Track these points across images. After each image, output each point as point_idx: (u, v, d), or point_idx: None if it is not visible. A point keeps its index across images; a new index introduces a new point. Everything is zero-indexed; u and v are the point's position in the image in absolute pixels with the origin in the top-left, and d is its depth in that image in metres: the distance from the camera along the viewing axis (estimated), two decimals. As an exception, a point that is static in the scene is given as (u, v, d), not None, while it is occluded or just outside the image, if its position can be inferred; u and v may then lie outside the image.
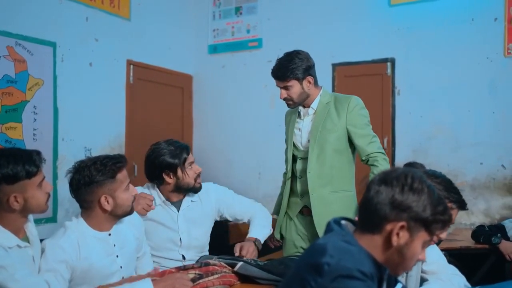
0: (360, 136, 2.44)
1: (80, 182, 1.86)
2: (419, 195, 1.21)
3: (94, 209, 1.90)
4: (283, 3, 4.64)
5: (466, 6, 3.85)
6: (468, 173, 3.85)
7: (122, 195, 1.91)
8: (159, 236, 2.34)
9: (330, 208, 2.42)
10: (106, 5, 4.09)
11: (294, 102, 2.49)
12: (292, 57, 2.47)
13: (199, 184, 2.40)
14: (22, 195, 1.67)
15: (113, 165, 1.89)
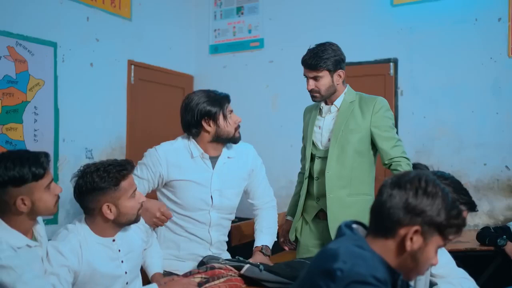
0: (384, 138, 2.35)
1: (83, 188, 1.82)
2: (433, 199, 1.19)
3: (97, 216, 1.86)
4: (285, 3, 4.61)
5: (470, 6, 3.83)
6: (471, 174, 3.82)
7: (126, 204, 1.85)
8: (190, 194, 2.23)
9: (346, 212, 2.32)
10: (107, 5, 4.06)
11: (321, 94, 2.40)
12: (326, 47, 2.39)
13: (238, 134, 2.30)
14: (30, 197, 1.64)
15: (117, 173, 1.83)
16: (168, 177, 2.22)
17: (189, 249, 2.26)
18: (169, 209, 2.22)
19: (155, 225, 2.15)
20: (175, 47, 4.78)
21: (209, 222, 2.26)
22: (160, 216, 2.11)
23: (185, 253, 2.26)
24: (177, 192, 2.23)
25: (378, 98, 2.42)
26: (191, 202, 2.24)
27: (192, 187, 2.23)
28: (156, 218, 2.11)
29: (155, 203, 2.15)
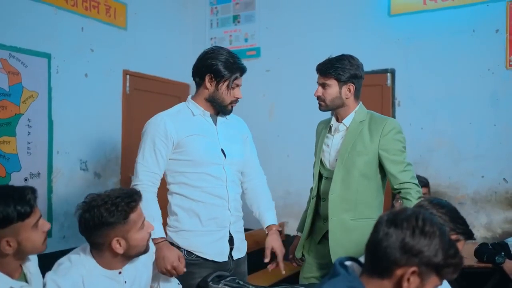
0: (393, 162, 2.25)
1: (90, 223, 1.71)
2: (431, 239, 1.16)
3: (105, 251, 1.77)
4: (282, 12, 4.58)
5: (467, 17, 3.80)
6: (469, 186, 3.80)
7: (136, 236, 1.77)
8: (202, 147, 2.20)
9: (349, 236, 2.26)
10: (102, 14, 4.02)
11: (326, 104, 2.34)
12: (343, 58, 2.31)
13: (231, 108, 2.28)
14: (15, 238, 1.55)
15: (125, 205, 1.73)
16: (178, 137, 2.20)
17: (210, 214, 2.23)
18: (187, 172, 2.20)
19: (163, 274, 2.12)
20: (171, 55, 4.75)
21: (225, 177, 2.25)
22: (171, 269, 2.09)
23: (207, 220, 2.23)
24: (189, 149, 2.20)
25: (388, 119, 2.32)
26: (204, 156, 2.21)
27: (202, 141, 2.22)
28: (170, 268, 2.09)
29: (174, 253, 2.11)
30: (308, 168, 4.31)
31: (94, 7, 3.96)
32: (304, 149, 4.42)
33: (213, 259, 2.24)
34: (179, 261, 2.11)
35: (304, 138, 4.42)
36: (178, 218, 2.25)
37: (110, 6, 4.09)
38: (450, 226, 1.64)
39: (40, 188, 3.27)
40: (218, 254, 2.26)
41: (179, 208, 2.26)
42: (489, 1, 3.73)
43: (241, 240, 2.37)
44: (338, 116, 2.39)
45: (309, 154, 4.31)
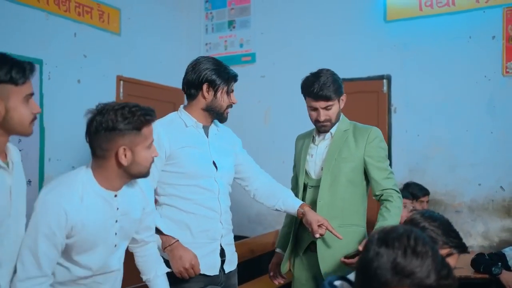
0: (377, 168, 2.31)
1: (101, 125, 1.63)
2: (423, 259, 1.11)
3: (108, 160, 1.68)
4: (277, 18, 4.55)
5: (463, 24, 3.77)
6: (466, 194, 3.76)
7: (142, 152, 1.70)
8: (194, 159, 2.19)
9: (337, 243, 2.27)
10: (95, 20, 3.98)
11: (332, 123, 2.38)
12: (328, 75, 2.33)
13: (226, 115, 2.30)
14: (4, 102, 1.47)
15: (142, 116, 1.67)
16: (171, 148, 2.17)
17: (201, 226, 2.20)
18: (178, 184, 2.18)
19: (180, 274, 2.12)
20: (165, 61, 4.70)
21: (217, 189, 2.24)
22: (189, 267, 2.10)
23: (198, 232, 2.20)
24: (181, 161, 2.17)
25: (373, 128, 2.39)
26: (196, 168, 2.20)
27: (195, 153, 2.21)
28: (184, 268, 2.10)
29: (190, 253, 2.12)
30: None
31: (87, 13, 3.91)
32: (290, 154, 4.38)
33: (204, 273, 2.20)
34: (195, 260, 2.12)
35: (300, 145, 4.39)
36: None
37: (103, 12, 4.05)
38: (443, 239, 1.60)
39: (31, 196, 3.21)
40: (209, 268, 2.22)
41: (169, 220, 2.21)
42: (485, 7, 3.70)
43: (232, 253, 2.35)
44: None
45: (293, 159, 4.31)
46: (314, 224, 2.23)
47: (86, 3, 3.90)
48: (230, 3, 4.76)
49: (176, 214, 2.21)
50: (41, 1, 3.53)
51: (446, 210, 3.77)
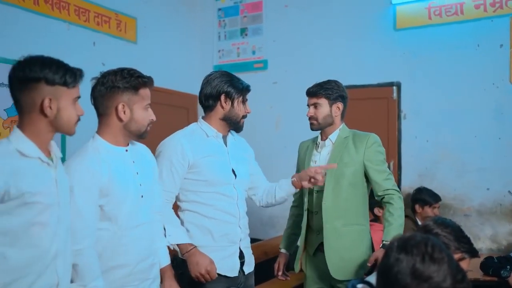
0: (377, 171, 2.48)
1: (103, 85, 1.90)
2: (440, 265, 1.22)
3: (110, 116, 1.92)
4: (289, 25, 4.66)
5: (472, 32, 3.87)
6: (474, 199, 3.85)
7: (140, 111, 1.93)
8: (216, 168, 2.33)
9: (342, 241, 2.45)
10: (113, 29, 4.11)
11: (318, 122, 2.54)
12: (330, 81, 2.57)
13: (242, 124, 2.44)
14: (57, 102, 1.62)
15: (139, 78, 1.92)
16: (194, 157, 2.29)
17: (222, 231, 2.33)
18: (200, 191, 2.30)
19: (197, 279, 2.23)
20: (179, 68, 4.82)
21: (236, 195, 2.37)
22: (205, 273, 2.20)
23: (219, 236, 2.33)
24: (203, 169, 2.30)
25: (371, 134, 2.55)
26: (217, 176, 2.32)
27: (215, 162, 2.33)
28: (200, 273, 2.20)
29: (206, 259, 2.23)
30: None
31: (106, 22, 4.04)
32: (292, 159, 4.47)
33: (225, 274, 2.32)
34: (211, 265, 2.23)
35: (311, 150, 4.50)
36: (191, 235, 2.32)
37: (121, 21, 4.18)
38: (455, 245, 1.70)
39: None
40: (229, 269, 2.34)
41: (191, 225, 2.33)
42: (493, 16, 3.79)
43: (249, 255, 2.49)
44: (323, 134, 2.61)
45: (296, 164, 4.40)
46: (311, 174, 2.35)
47: (104, 13, 4.03)
48: (243, 11, 4.87)
49: (198, 219, 2.33)
50: (62, 12, 3.67)
51: (455, 214, 3.87)
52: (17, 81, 1.60)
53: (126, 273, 1.93)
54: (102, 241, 1.88)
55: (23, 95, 1.61)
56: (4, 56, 3.24)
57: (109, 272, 1.89)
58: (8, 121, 3.26)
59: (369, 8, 4.25)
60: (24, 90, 1.60)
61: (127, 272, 1.93)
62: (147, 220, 2.02)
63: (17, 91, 1.62)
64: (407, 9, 4.09)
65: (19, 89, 1.61)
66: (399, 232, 2.33)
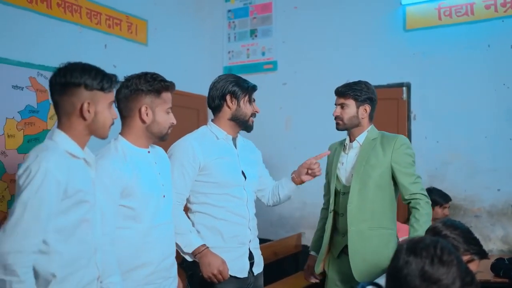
0: (404, 174, 2.43)
1: (127, 89, 1.99)
2: (449, 267, 1.23)
3: (134, 118, 2.00)
4: (298, 26, 4.67)
5: (482, 32, 3.85)
6: (485, 200, 3.84)
7: (162, 114, 2.03)
8: (226, 170, 2.37)
9: (367, 245, 2.42)
10: (124, 31, 4.15)
11: (344, 123, 2.53)
12: (360, 82, 2.56)
13: (252, 123, 2.47)
14: (94, 106, 1.70)
15: (162, 82, 2.02)
16: (204, 160, 2.33)
17: (232, 232, 2.37)
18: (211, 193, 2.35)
19: (209, 279, 2.26)
20: (189, 69, 4.86)
21: (245, 197, 2.41)
22: (217, 273, 2.24)
23: (229, 237, 2.36)
24: (214, 171, 2.34)
25: (399, 136, 2.52)
26: (227, 178, 2.37)
27: (225, 164, 2.37)
28: (213, 274, 2.23)
29: (218, 259, 2.26)
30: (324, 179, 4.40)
31: (117, 24, 4.09)
32: (320, 161, 4.48)
33: (235, 275, 2.34)
34: (223, 266, 2.26)
35: (320, 151, 4.47)
36: (201, 236, 2.36)
37: (132, 23, 4.22)
38: (464, 247, 1.71)
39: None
40: (239, 270, 2.37)
41: (202, 226, 2.36)
42: (504, 16, 3.78)
43: (259, 256, 2.52)
44: (351, 135, 2.58)
45: (325, 166, 4.40)
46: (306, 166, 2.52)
47: (115, 16, 4.07)
48: (252, 13, 4.89)
49: (209, 221, 2.36)
50: (74, 15, 3.71)
51: (465, 215, 3.86)
52: (58, 86, 1.70)
53: (150, 271, 1.99)
54: (127, 240, 1.94)
55: (63, 99, 1.69)
56: (17, 59, 3.30)
57: (135, 270, 1.95)
58: (22, 123, 3.31)
59: (378, 9, 4.25)
60: (64, 94, 1.69)
61: (151, 270, 1.99)
62: (168, 219, 2.10)
63: (57, 95, 1.71)
64: (417, 10, 4.08)
65: (59, 93, 1.70)
66: None
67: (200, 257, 2.26)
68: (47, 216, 1.57)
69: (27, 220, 1.54)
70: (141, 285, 1.97)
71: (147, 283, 1.99)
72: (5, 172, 3.18)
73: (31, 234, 1.54)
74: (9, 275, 1.50)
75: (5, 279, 1.50)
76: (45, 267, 1.61)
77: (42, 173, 1.56)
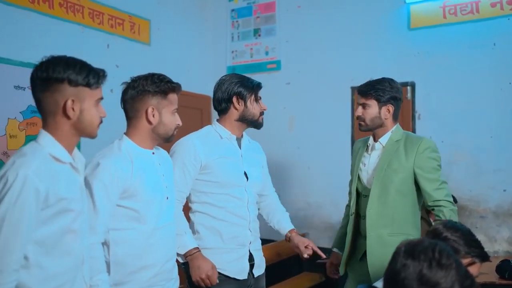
0: (427, 180, 2.33)
1: (134, 89, 1.98)
2: (447, 271, 1.20)
3: (140, 119, 1.98)
4: (302, 26, 4.64)
5: (488, 31, 3.80)
6: (491, 200, 3.79)
7: (168, 115, 2.00)
8: (228, 170, 2.35)
9: (387, 251, 2.24)
10: (127, 31, 4.14)
11: (366, 124, 2.44)
12: (384, 80, 2.44)
13: (261, 121, 2.45)
14: (80, 103, 1.58)
15: (168, 83, 1.99)
16: (206, 159, 2.32)
17: (232, 233, 2.35)
18: (211, 192, 2.33)
19: (197, 283, 2.24)
20: (193, 69, 4.84)
21: (246, 198, 2.38)
22: (205, 278, 2.22)
23: (228, 238, 2.34)
24: (215, 170, 2.32)
25: (424, 139, 2.41)
26: (229, 178, 2.35)
27: (228, 164, 2.35)
28: (201, 278, 2.22)
29: (208, 263, 2.24)
30: (328, 179, 4.39)
31: (119, 24, 4.08)
32: (324, 161, 4.47)
33: (234, 277, 2.32)
34: (213, 271, 2.23)
35: (324, 150, 4.47)
36: (201, 236, 2.34)
37: (134, 23, 4.21)
38: (465, 249, 1.68)
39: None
40: (239, 272, 2.34)
41: (201, 227, 2.35)
42: (510, 15, 3.73)
43: (260, 258, 2.49)
44: (375, 135, 2.49)
45: (329, 167, 4.40)
46: (301, 245, 2.46)
47: (118, 15, 4.06)
48: (256, 12, 4.87)
49: (208, 221, 2.35)
50: (77, 15, 3.71)
51: (470, 216, 3.81)
52: (40, 82, 1.56)
53: (154, 273, 1.97)
54: (131, 242, 1.93)
55: (46, 96, 1.56)
56: (19, 59, 3.30)
57: (138, 272, 1.94)
58: (24, 124, 3.31)
59: (382, 7, 4.22)
60: (46, 91, 1.56)
61: (155, 272, 1.98)
62: (170, 221, 2.07)
63: (39, 92, 1.57)
64: (421, 8, 4.04)
65: (41, 90, 1.57)
66: None
67: (191, 260, 2.24)
68: (27, 229, 1.45)
69: (6, 236, 1.42)
70: (144, 287, 1.96)
71: (151, 285, 1.97)
72: (7, 172, 3.18)
73: (12, 250, 1.43)
74: None
75: None
76: (24, 283, 1.47)
77: (20, 181, 1.44)
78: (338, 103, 4.41)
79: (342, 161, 4.22)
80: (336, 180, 4.17)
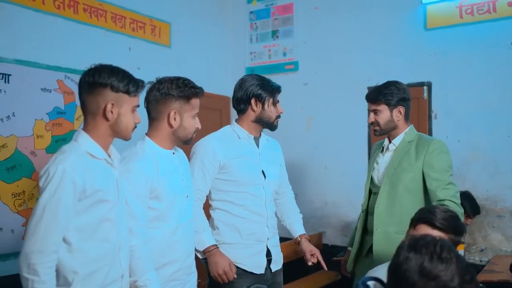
0: (434, 179, 2.38)
1: (159, 91, 2.04)
2: (448, 264, 1.26)
3: (162, 122, 2.05)
4: (319, 27, 4.70)
5: (504, 31, 3.80)
6: (508, 200, 3.79)
7: (189, 119, 2.07)
8: (246, 169, 2.43)
9: (392, 248, 2.28)
10: (148, 34, 4.27)
11: (381, 128, 2.52)
12: (390, 84, 2.52)
13: (277, 123, 2.53)
14: (118, 108, 1.75)
15: (192, 88, 2.07)
16: (225, 159, 2.41)
17: (250, 229, 2.44)
18: (230, 191, 2.42)
19: (215, 278, 2.34)
20: (212, 70, 4.94)
21: (264, 196, 2.47)
22: (222, 274, 2.31)
23: (246, 234, 2.43)
24: (233, 170, 2.41)
25: (435, 140, 2.48)
26: (247, 177, 2.44)
27: (246, 163, 2.44)
28: (218, 273, 2.31)
29: (225, 260, 2.34)
30: (345, 179, 4.44)
31: (141, 28, 4.21)
32: (341, 161, 4.52)
33: (252, 271, 2.41)
34: (230, 267, 2.33)
35: (341, 150, 4.52)
36: (220, 232, 2.44)
37: (155, 26, 4.33)
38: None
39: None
40: (256, 267, 2.43)
41: (221, 223, 2.44)
42: (527, 14, 3.72)
43: (277, 253, 2.56)
44: (390, 137, 2.57)
45: (346, 166, 4.45)
46: (307, 253, 2.56)
47: (139, 19, 4.19)
48: (274, 14, 4.95)
49: (227, 217, 2.45)
50: (100, 20, 3.85)
51: (487, 215, 3.82)
52: (86, 85, 1.75)
53: (176, 269, 2.08)
54: (154, 240, 2.02)
55: (90, 98, 1.75)
56: (46, 63, 3.44)
57: (162, 268, 2.04)
58: (50, 124, 3.46)
59: (399, 8, 4.24)
60: (91, 93, 1.74)
61: (177, 267, 2.09)
62: (190, 218, 2.17)
63: (85, 94, 1.76)
64: (438, 8, 4.06)
65: (87, 92, 1.76)
66: None
67: (209, 256, 2.34)
68: (65, 216, 1.63)
69: (46, 221, 1.60)
70: (168, 281, 2.06)
71: (174, 279, 2.08)
72: (34, 171, 3.33)
73: (51, 234, 1.60)
74: (31, 274, 1.56)
75: (28, 277, 1.57)
76: (68, 265, 1.66)
77: (59, 174, 1.62)
78: (355, 103, 4.43)
79: (358, 160, 4.27)
80: (352, 179, 4.22)
